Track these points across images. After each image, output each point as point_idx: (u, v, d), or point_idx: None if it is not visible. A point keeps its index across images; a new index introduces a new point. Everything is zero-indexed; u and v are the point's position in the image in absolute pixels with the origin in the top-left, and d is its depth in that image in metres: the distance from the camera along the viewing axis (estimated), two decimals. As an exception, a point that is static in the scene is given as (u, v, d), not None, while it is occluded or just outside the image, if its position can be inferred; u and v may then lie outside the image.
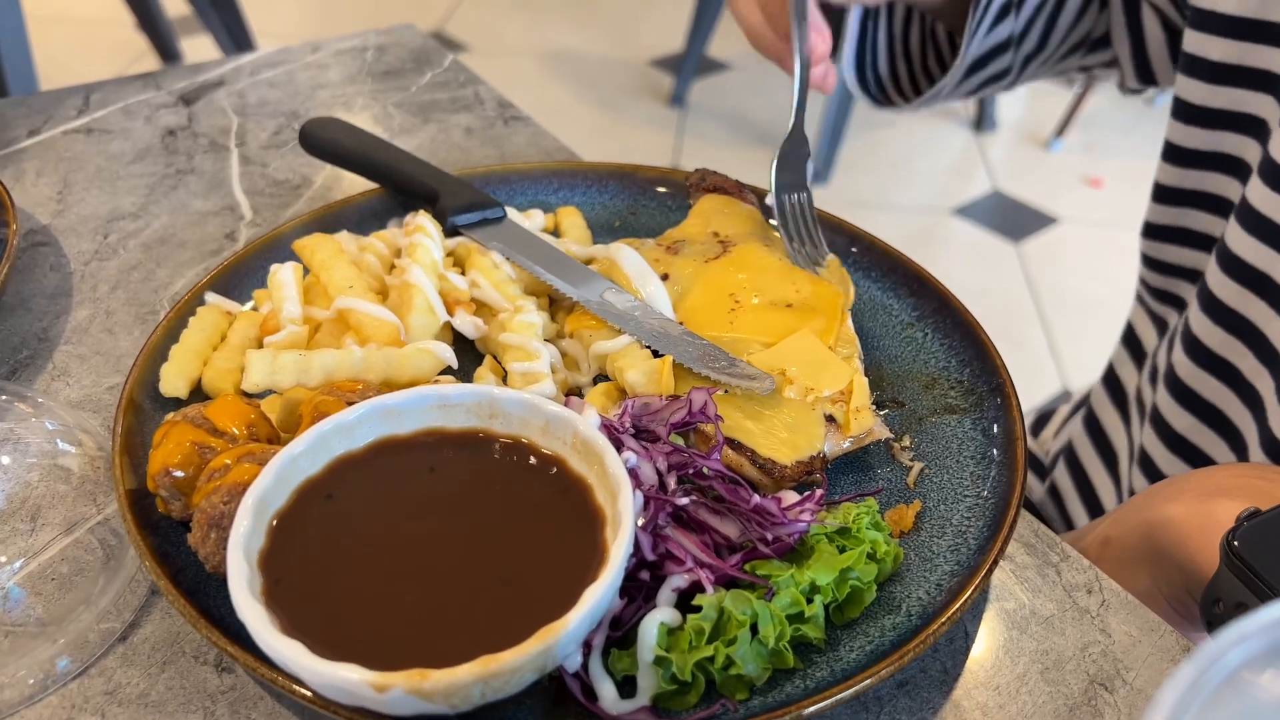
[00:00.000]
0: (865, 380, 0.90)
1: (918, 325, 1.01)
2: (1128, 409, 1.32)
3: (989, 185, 4.33)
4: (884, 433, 0.89)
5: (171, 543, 0.78)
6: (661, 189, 1.18)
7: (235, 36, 4.01)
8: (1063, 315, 3.64)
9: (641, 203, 1.18)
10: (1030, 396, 1.66)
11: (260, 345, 0.93)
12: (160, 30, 4.26)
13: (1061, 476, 1.40)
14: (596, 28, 5.47)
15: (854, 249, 1.09)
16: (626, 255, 1.00)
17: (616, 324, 0.94)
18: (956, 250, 3.97)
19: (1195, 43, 1.09)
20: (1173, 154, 1.17)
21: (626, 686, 0.70)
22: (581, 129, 4.51)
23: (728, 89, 4.95)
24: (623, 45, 5.28)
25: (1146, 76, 1.32)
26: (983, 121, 4.67)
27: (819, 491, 0.81)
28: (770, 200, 1.06)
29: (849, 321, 0.97)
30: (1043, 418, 1.62)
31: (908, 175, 4.39)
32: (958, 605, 0.73)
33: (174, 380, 0.89)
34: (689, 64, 4.68)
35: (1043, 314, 3.65)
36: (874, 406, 0.91)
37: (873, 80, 1.41)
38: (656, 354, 0.92)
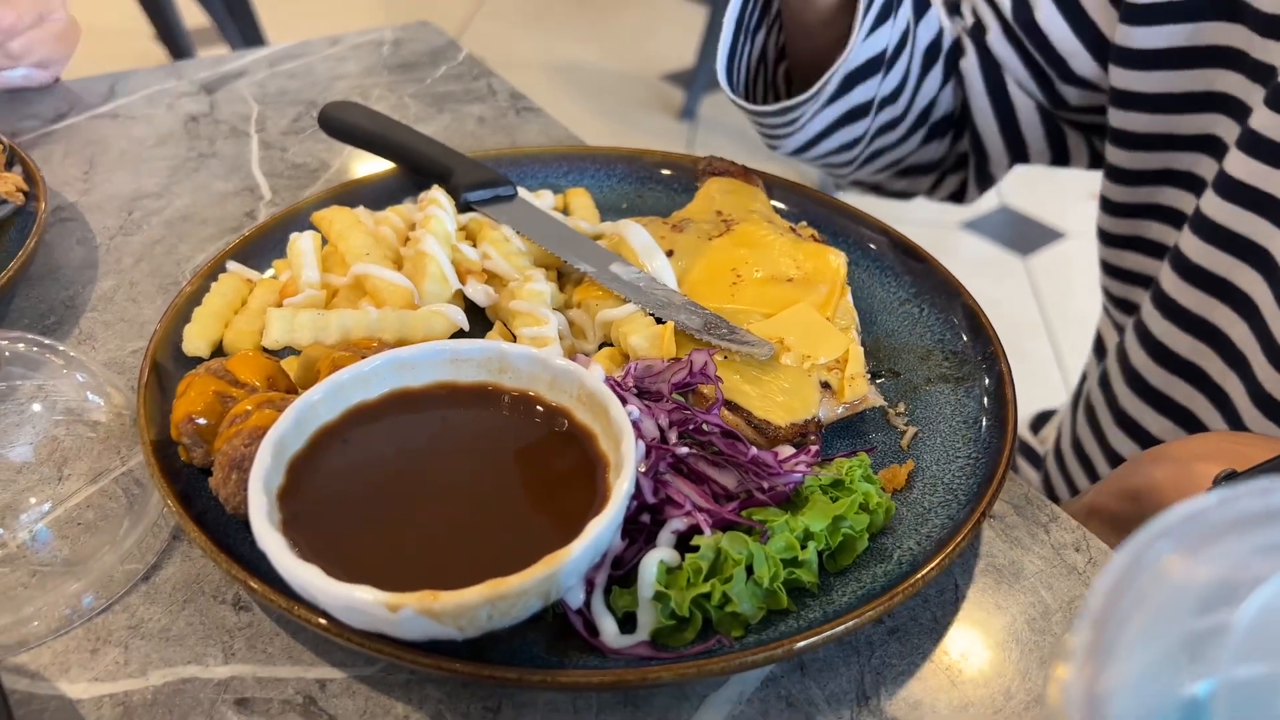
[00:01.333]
0: (861, 349, 0.94)
1: (914, 301, 1.04)
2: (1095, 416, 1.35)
3: (997, 200, 4.36)
4: (878, 400, 0.92)
5: (193, 488, 0.81)
6: (667, 171, 1.22)
7: (252, 47, 4.09)
8: (1069, 329, 3.67)
9: (648, 186, 1.22)
10: (1035, 408, 1.69)
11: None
12: (178, 40, 4.34)
13: (1054, 473, 1.43)
14: (608, 42, 5.54)
15: (857, 229, 1.12)
16: (634, 231, 1.04)
17: (623, 294, 0.98)
18: (965, 264, 4.01)
19: (1128, 79, 1.13)
20: (1117, 175, 1.22)
21: (627, 623, 0.73)
22: (593, 141, 4.55)
23: (738, 103, 5.00)
24: (634, 59, 5.35)
25: (1019, 152, 1.33)
26: (991, 137, 4.71)
27: (814, 448, 0.84)
28: None
29: (848, 295, 1.00)
30: (1045, 415, 1.64)
31: (916, 189, 4.42)
32: (946, 553, 0.76)
33: (196, 340, 0.93)
34: (700, 78, 4.74)
35: (1049, 327, 3.68)
36: (869, 375, 0.94)
37: (740, 73, 1.26)
38: (660, 322, 0.96)
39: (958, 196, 1.50)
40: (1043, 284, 3.89)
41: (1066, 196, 4.43)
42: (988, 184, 1.45)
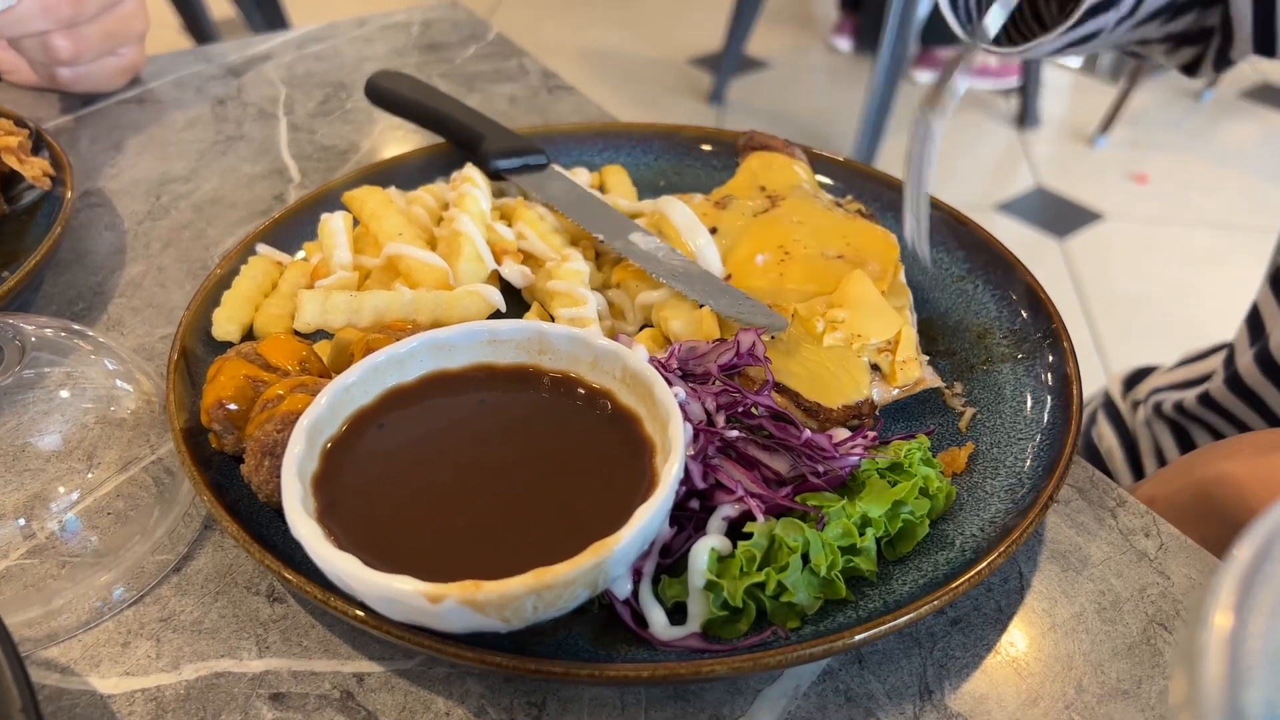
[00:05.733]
0: (913, 331, 0.90)
1: (969, 278, 1.00)
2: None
3: (1032, 181, 4.29)
4: (935, 381, 0.88)
5: (225, 476, 0.79)
6: (706, 147, 1.18)
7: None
8: (1108, 312, 3.60)
9: (686, 162, 1.18)
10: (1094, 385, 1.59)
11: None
12: (205, 31, 4.34)
13: (1143, 436, 1.35)
14: (636, 27, 5.50)
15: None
16: (676, 208, 1.01)
17: (640, 263, 0.94)
18: (999, 246, 3.94)
19: None
20: None
21: (677, 614, 0.70)
22: (621, 126, 4.53)
23: (766, 87, 4.95)
24: (662, 44, 5.30)
25: (1267, 42, 1.16)
26: (1025, 118, 4.63)
27: (872, 433, 0.80)
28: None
29: (901, 273, 0.96)
30: (1142, 372, 1.53)
31: (950, 172, 4.36)
32: (1012, 539, 0.72)
33: (226, 324, 0.91)
34: (728, 62, 4.69)
35: (1088, 311, 3.60)
36: (925, 358, 0.90)
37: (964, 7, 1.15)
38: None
39: (1190, 69, 1.31)
40: (1080, 267, 3.81)
41: (1105, 177, 4.35)
42: (1225, 67, 1.26)
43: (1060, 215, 4.10)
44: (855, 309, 0.88)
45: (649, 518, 0.64)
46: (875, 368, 0.87)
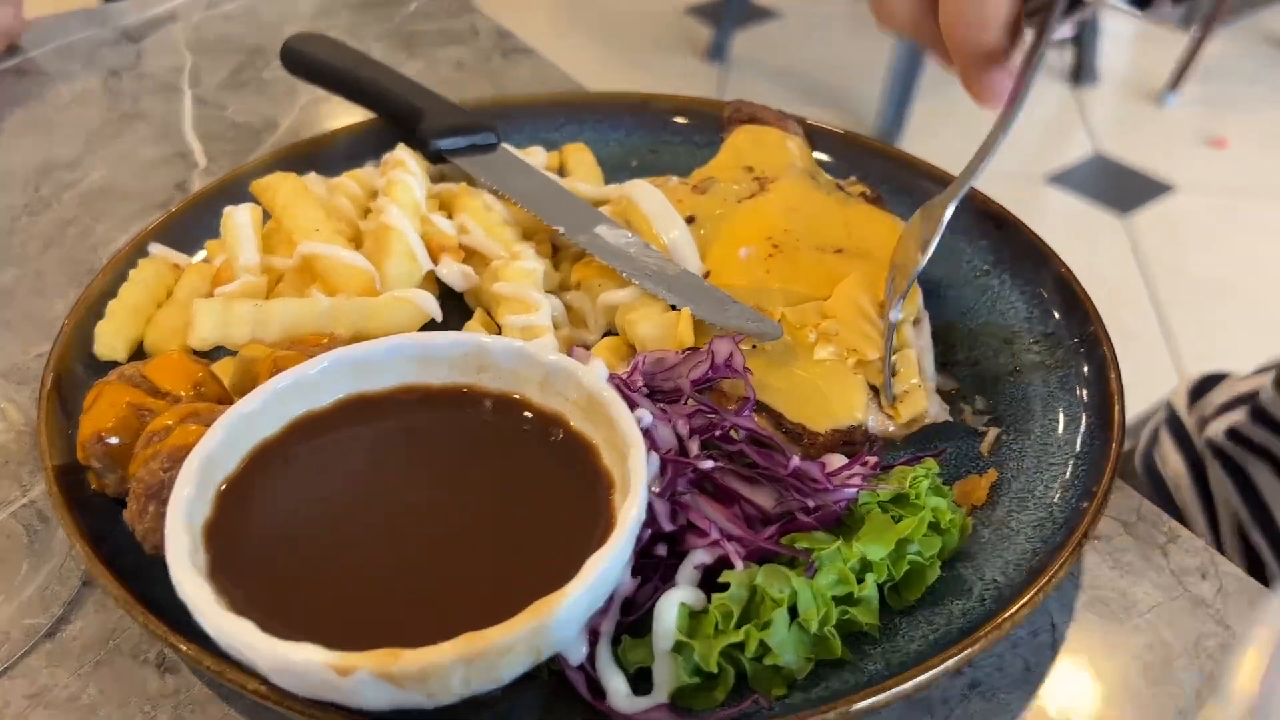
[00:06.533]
0: (913, 355, 0.89)
1: (994, 272, 1.00)
2: None
3: (1090, 148, 4.29)
4: (943, 416, 0.88)
5: (107, 522, 0.78)
6: (684, 119, 1.18)
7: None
8: (1181, 299, 3.60)
9: (663, 139, 1.18)
10: (1140, 397, 1.56)
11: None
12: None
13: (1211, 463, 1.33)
14: (620, -28, 5.50)
15: (921, 185, 1.07)
16: (646, 193, 1.00)
17: (608, 261, 0.95)
18: (1052, 224, 3.93)
19: None
20: None
21: (641, 682, 0.70)
22: (606, 88, 4.53)
23: (775, 40, 4.95)
24: (652, -8, 5.31)
25: None
26: (1081, 73, 4.63)
27: (873, 459, 0.80)
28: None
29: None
30: (1212, 380, 1.51)
31: (992, 138, 4.36)
32: (1040, 586, 0.72)
33: (111, 340, 0.91)
34: (731, 11, 4.69)
35: (1156, 298, 3.61)
36: (933, 384, 0.90)
37: None
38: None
39: (1142, 1, 1.33)
40: (1147, 248, 3.82)
41: (1176, 142, 4.35)
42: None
43: (1123, 187, 4.10)
44: (847, 322, 0.88)
45: (604, 568, 0.64)
46: (875, 390, 0.87)
